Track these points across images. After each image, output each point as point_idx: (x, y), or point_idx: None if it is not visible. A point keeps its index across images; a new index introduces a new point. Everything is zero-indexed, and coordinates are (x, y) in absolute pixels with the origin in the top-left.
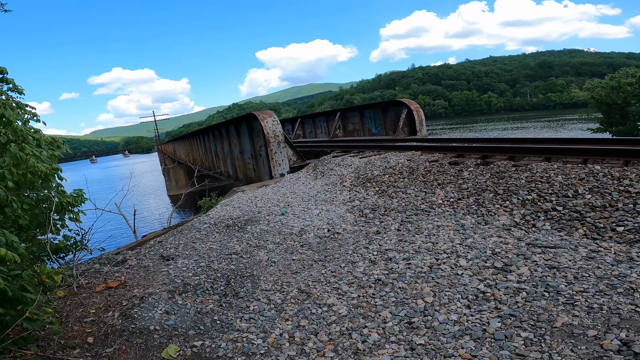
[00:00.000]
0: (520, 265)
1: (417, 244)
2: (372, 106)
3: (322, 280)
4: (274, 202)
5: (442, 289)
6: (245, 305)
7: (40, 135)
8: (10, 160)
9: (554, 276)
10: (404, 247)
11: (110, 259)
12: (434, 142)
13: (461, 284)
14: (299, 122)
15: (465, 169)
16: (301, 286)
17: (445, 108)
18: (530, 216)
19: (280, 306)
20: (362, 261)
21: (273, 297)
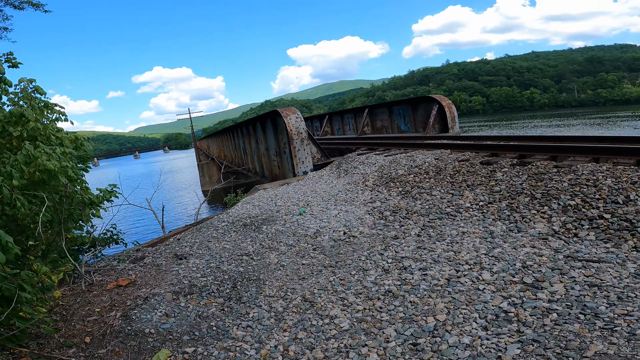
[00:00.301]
0: (554, 281)
1: (437, 252)
2: (401, 102)
3: (329, 288)
4: (294, 201)
5: (458, 306)
6: (245, 312)
7: (62, 134)
8: (23, 158)
9: (594, 296)
10: (421, 256)
11: (130, 255)
12: (466, 139)
13: (481, 300)
14: (327, 118)
15: (499, 170)
16: (306, 294)
17: (483, 104)
18: (572, 224)
19: (281, 315)
20: (374, 269)
21: (275, 304)
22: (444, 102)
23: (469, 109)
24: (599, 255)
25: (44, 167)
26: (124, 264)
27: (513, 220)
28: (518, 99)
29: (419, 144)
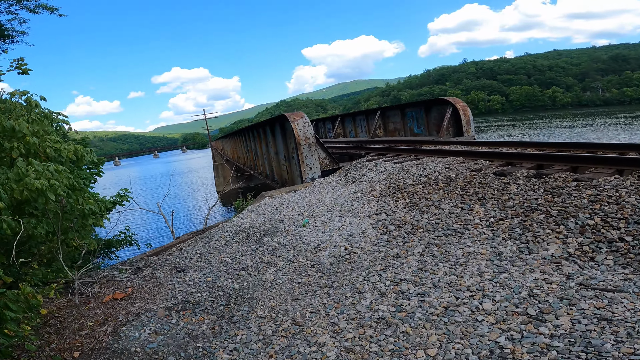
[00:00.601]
0: (560, 313)
1: (439, 276)
2: (414, 105)
3: (321, 311)
4: (299, 211)
5: (452, 339)
6: (234, 333)
7: (61, 146)
8: (14, 176)
9: (602, 331)
10: (421, 279)
11: (132, 264)
12: (481, 145)
13: (477, 334)
14: (340, 120)
15: (513, 182)
16: (297, 316)
17: (502, 104)
18: (589, 246)
19: (269, 339)
20: (371, 292)
21: (265, 326)
22: (459, 104)
23: (488, 109)
24: (615, 283)
25: (32, 185)
26: (125, 274)
27: (525, 240)
28: (539, 98)
29: (430, 151)
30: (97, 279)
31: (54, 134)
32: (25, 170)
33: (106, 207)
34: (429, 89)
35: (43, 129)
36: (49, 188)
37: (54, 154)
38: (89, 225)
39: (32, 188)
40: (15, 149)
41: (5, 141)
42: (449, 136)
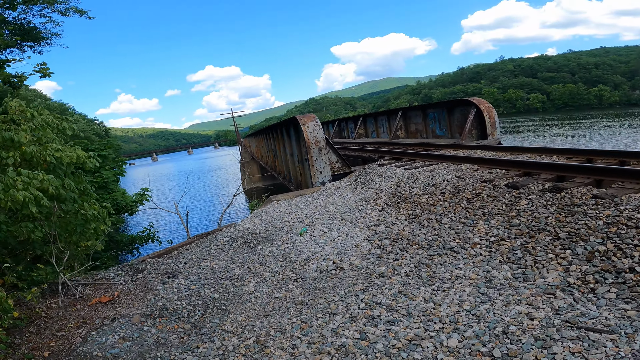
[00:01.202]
0: (527, 358)
1: (416, 302)
2: (436, 105)
3: (287, 331)
4: (301, 217)
5: None
6: (196, 345)
7: (62, 154)
8: (2, 187)
9: None
10: (397, 304)
11: (133, 266)
12: (502, 151)
13: None
14: (362, 120)
15: (525, 196)
16: (262, 334)
17: (543, 102)
18: (593, 276)
19: (228, 355)
20: (342, 314)
21: (228, 341)
22: (483, 105)
23: (527, 107)
24: (608, 322)
25: (15, 197)
26: (122, 276)
27: (522, 265)
28: (584, 96)
29: (444, 156)
30: (92, 281)
31: (55, 141)
32: (12, 182)
33: (109, 212)
34: (462, 87)
35: (46, 136)
36: (31, 200)
37: (55, 162)
38: (91, 229)
39: (15, 200)
40: (11, 158)
41: (2, 151)
42: (471, 139)
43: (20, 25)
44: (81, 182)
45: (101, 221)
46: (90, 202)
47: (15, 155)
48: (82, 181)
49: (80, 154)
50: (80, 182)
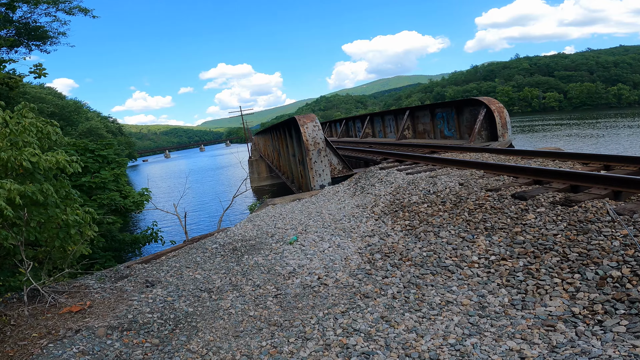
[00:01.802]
0: None
1: (397, 331)
2: (445, 105)
3: (253, 356)
4: (294, 224)
5: None
6: None
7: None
8: None
9: None
10: (377, 331)
11: (117, 272)
12: (512, 154)
13: None
14: (369, 120)
15: (533, 209)
16: (227, 358)
17: (560, 101)
18: (602, 305)
19: None
20: (316, 340)
21: None
22: (494, 105)
23: (543, 106)
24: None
25: None
26: (102, 283)
27: (523, 290)
28: (602, 95)
29: (449, 160)
30: (70, 288)
31: (33, 145)
32: None
33: (93, 217)
34: (475, 85)
35: (23, 140)
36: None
37: (31, 167)
38: (73, 234)
39: None
40: None
41: None
42: (481, 140)
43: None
44: (64, 187)
45: (85, 226)
46: (73, 206)
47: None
48: (64, 186)
49: (60, 159)
50: (63, 186)
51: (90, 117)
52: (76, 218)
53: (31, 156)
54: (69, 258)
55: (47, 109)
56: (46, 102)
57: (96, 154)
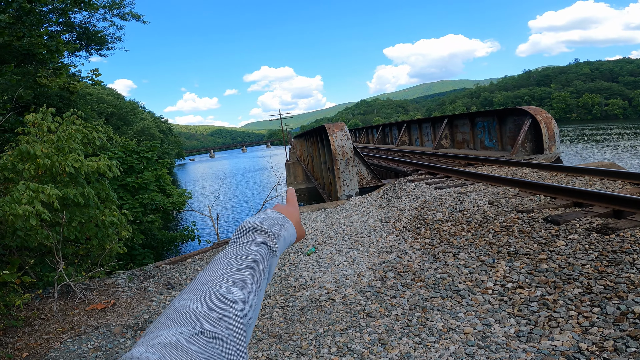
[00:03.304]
0: None
1: (390, 356)
2: (486, 114)
3: None
4: (315, 234)
5: None
6: None
7: (81, 164)
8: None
9: None
10: (370, 354)
11: (146, 272)
12: (556, 170)
13: None
14: (405, 127)
15: (565, 236)
16: None
17: (624, 109)
18: (614, 342)
19: None
20: (310, 356)
21: None
22: (540, 115)
23: (605, 114)
24: None
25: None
26: (130, 282)
27: (533, 322)
28: None
29: (483, 176)
30: (100, 285)
31: (77, 151)
32: (19, 195)
33: (128, 219)
34: (528, 90)
35: (69, 147)
36: (32, 214)
37: (74, 172)
38: (110, 234)
39: (16, 213)
40: (27, 171)
41: (19, 163)
42: (524, 153)
43: (86, 29)
44: (104, 190)
45: (121, 227)
46: (111, 208)
47: (30, 167)
48: (105, 189)
49: (100, 164)
50: (104, 189)
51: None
52: (113, 219)
53: (74, 162)
54: (106, 256)
55: (106, 109)
56: (106, 102)
57: (141, 155)
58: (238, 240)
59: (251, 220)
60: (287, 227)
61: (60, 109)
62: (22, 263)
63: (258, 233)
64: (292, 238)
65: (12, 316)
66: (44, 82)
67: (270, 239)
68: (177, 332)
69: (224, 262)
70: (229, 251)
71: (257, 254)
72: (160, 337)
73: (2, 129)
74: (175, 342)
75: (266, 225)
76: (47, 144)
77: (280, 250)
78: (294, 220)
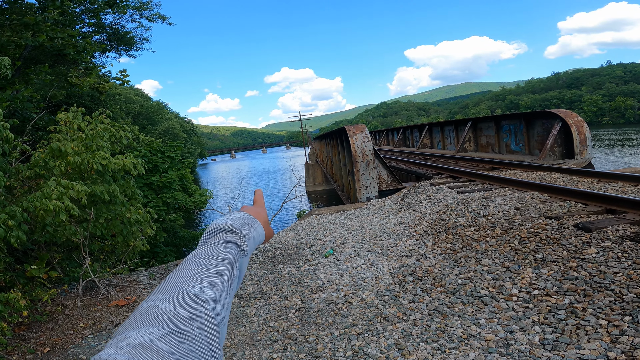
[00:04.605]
0: None
1: None
2: (512, 117)
3: None
4: (334, 237)
5: None
6: None
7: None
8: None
9: None
10: (386, 359)
11: (167, 270)
12: (587, 176)
13: None
14: (427, 130)
15: (596, 243)
16: None
17: None
18: None
19: None
20: (325, 359)
21: None
22: (571, 119)
23: (638, 117)
24: None
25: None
26: (152, 279)
27: (560, 330)
28: None
29: (509, 180)
30: (123, 282)
31: (105, 149)
32: (49, 191)
33: (151, 216)
34: (557, 93)
35: (97, 144)
36: (62, 209)
37: (101, 169)
38: (135, 231)
39: (46, 208)
40: (57, 168)
41: (51, 160)
42: (553, 157)
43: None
44: (130, 187)
45: (145, 224)
46: (136, 206)
47: (60, 164)
48: (130, 186)
49: (126, 162)
50: (129, 187)
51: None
52: (137, 217)
53: (102, 159)
54: (129, 253)
55: (134, 109)
56: (134, 102)
57: (165, 154)
58: (207, 242)
59: (219, 222)
60: (255, 227)
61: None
62: (50, 258)
63: (227, 234)
64: (261, 238)
65: (37, 311)
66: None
67: (240, 238)
68: (147, 333)
69: (193, 263)
70: (198, 252)
71: (227, 254)
72: (129, 338)
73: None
74: (145, 343)
75: (235, 225)
76: (76, 142)
77: (250, 249)
78: (262, 220)
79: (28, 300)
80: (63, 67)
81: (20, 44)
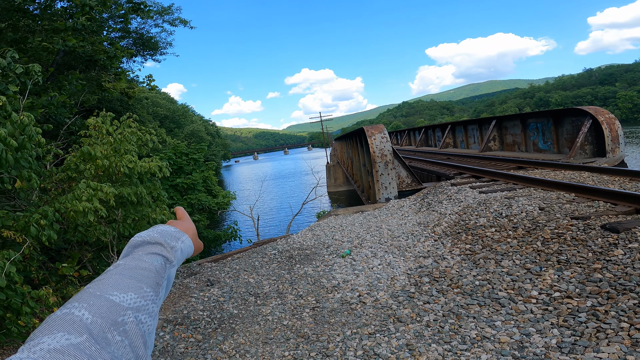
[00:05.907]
0: None
1: None
2: (539, 115)
3: None
4: (351, 237)
5: None
6: None
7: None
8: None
9: None
10: (396, 359)
11: (189, 269)
12: (618, 175)
13: None
14: (450, 129)
15: (624, 244)
16: None
17: None
18: None
19: None
20: (335, 358)
21: None
22: (602, 116)
23: None
24: None
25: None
26: (174, 278)
27: (579, 333)
28: None
29: (534, 180)
30: None
31: (132, 152)
32: (80, 192)
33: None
34: (590, 90)
35: (125, 148)
36: (91, 210)
37: (128, 172)
38: None
39: (76, 209)
40: (88, 171)
41: (82, 163)
42: (584, 156)
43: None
44: (156, 189)
45: None
46: (162, 207)
47: (90, 167)
48: (156, 188)
49: (152, 165)
50: (155, 188)
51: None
52: (163, 217)
53: (129, 162)
54: None
55: (161, 113)
56: (161, 106)
57: (190, 157)
58: (130, 254)
59: (143, 235)
60: (183, 240)
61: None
62: (81, 257)
63: (152, 246)
64: (189, 250)
65: None
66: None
67: (167, 250)
68: (63, 338)
69: (115, 274)
70: (120, 263)
71: (153, 264)
72: (43, 343)
73: (70, 132)
74: (61, 348)
75: (161, 238)
76: (105, 146)
77: (177, 261)
78: (190, 233)
79: (59, 297)
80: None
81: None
